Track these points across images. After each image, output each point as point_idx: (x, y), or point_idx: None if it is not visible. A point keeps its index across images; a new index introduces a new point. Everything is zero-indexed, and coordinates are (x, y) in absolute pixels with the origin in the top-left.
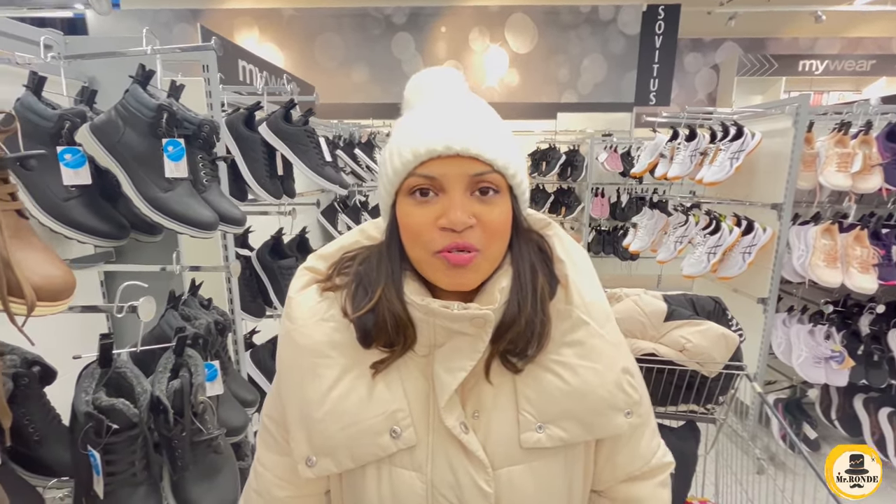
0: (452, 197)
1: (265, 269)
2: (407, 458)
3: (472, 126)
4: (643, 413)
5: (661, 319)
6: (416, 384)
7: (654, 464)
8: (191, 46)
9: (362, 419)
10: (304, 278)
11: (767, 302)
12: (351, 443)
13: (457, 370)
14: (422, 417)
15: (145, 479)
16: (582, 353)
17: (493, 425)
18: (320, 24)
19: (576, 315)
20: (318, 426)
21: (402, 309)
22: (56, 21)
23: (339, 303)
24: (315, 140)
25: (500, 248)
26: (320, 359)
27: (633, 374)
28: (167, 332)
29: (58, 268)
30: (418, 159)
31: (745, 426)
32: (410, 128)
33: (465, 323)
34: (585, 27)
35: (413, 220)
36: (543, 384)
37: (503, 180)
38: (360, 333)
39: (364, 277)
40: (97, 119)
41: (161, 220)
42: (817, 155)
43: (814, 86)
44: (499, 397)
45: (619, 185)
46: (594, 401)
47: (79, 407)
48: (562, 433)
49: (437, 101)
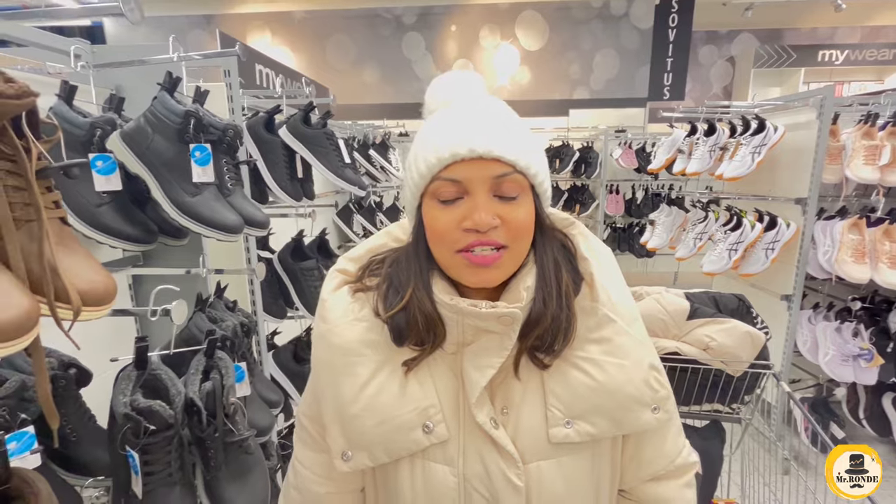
0: (476, 199)
1: (287, 270)
2: (440, 452)
3: (494, 129)
4: (670, 409)
5: (684, 318)
6: (446, 381)
7: (679, 463)
8: (214, 53)
9: (396, 415)
10: (335, 280)
11: (792, 299)
12: (385, 437)
13: (485, 367)
14: (453, 413)
15: (180, 480)
16: (609, 349)
17: (523, 420)
18: (331, 25)
19: (601, 312)
20: (354, 422)
21: (433, 308)
22: (74, 29)
23: (371, 303)
24: (334, 142)
25: (524, 247)
26: (355, 357)
27: (659, 370)
28: (195, 335)
29: (100, 273)
30: (442, 163)
31: (770, 425)
32: (433, 132)
33: (493, 321)
34: (597, 22)
35: (438, 222)
36: (570, 380)
37: (525, 181)
38: (393, 332)
39: (394, 278)
40: (127, 126)
41: (189, 224)
42: (843, 147)
43: (834, 76)
44: (527, 393)
45: (634, 182)
46: (621, 397)
47: (117, 408)
48: (590, 428)
49: (458, 105)
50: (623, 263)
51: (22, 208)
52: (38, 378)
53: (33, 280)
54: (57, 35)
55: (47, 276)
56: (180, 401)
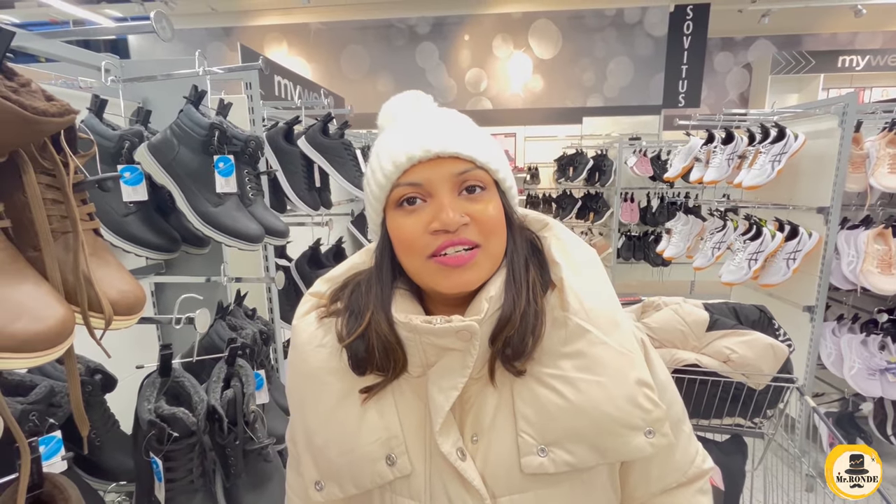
0: (441, 199)
1: (304, 278)
2: (405, 486)
3: (447, 129)
4: (668, 431)
5: (703, 329)
6: (411, 408)
7: (693, 472)
8: (238, 67)
9: (358, 446)
10: (306, 305)
11: (815, 310)
12: (351, 469)
13: (449, 389)
14: (418, 443)
15: (202, 486)
16: (583, 365)
17: (493, 449)
18: (346, 36)
19: (573, 322)
20: (321, 452)
21: (390, 330)
22: (100, 42)
23: (337, 328)
24: (352, 152)
25: (499, 244)
26: (318, 385)
27: (650, 386)
28: (216, 342)
29: (130, 283)
30: (400, 169)
31: (793, 441)
32: (387, 143)
33: (451, 337)
34: (611, 30)
35: (405, 230)
36: (541, 401)
37: (488, 176)
38: (352, 360)
39: (354, 303)
40: (154, 138)
41: (212, 233)
42: (867, 156)
43: (854, 82)
44: (497, 418)
45: (649, 190)
46: (601, 419)
47: (142, 415)
48: (567, 457)
49: (408, 115)
50: (638, 272)
51: (59, 220)
52: (71, 384)
53: (68, 290)
54: (88, 51)
55: (82, 286)
56: (202, 408)
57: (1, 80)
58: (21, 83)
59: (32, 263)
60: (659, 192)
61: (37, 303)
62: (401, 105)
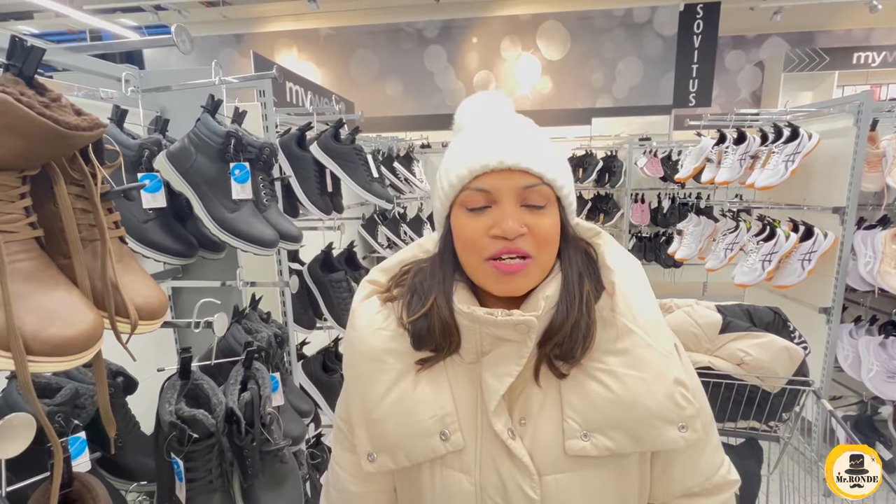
0: (504, 208)
1: (316, 282)
2: (457, 460)
3: (523, 142)
4: (700, 428)
5: (716, 331)
6: (465, 390)
7: (717, 481)
8: (253, 76)
9: (414, 421)
10: (365, 290)
11: (831, 312)
12: (406, 442)
13: (504, 375)
14: (470, 422)
15: (220, 487)
16: (628, 362)
17: (540, 432)
18: (355, 41)
19: (621, 323)
20: (377, 426)
21: (450, 316)
22: (115, 53)
23: (396, 313)
24: (363, 157)
25: (550, 256)
26: (377, 364)
27: (686, 386)
28: (232, 345)
29: (154, 289)
30: (473, 174)
31: (810, 444)
32: (464, 147)
33: (510, 329)
34: (619, 30)
35: (467, 230)
36: (587, 391)
37: (552, 192)
38: (413, 337)
39: (418, 287)
40: (172, 147)
41: (228, 239)
42: (883, 155)
43: (870, 79)
44: (545, 405)
45: (660, 191)
46: (641, 411)
47: (163, 416)
48: (608, 443)
49: (488, 121)
50: (649, 273)
51: (87, 229)
52: (99, 387)
53: (96, 296)
54: (107, 62)
55: (109, 292)
56: (221, 410)
57: (34, 95)
58: (52, 98)
59: (63, 271)
60: (670, 193)
61: (68, 309)
62: (481, 105)
